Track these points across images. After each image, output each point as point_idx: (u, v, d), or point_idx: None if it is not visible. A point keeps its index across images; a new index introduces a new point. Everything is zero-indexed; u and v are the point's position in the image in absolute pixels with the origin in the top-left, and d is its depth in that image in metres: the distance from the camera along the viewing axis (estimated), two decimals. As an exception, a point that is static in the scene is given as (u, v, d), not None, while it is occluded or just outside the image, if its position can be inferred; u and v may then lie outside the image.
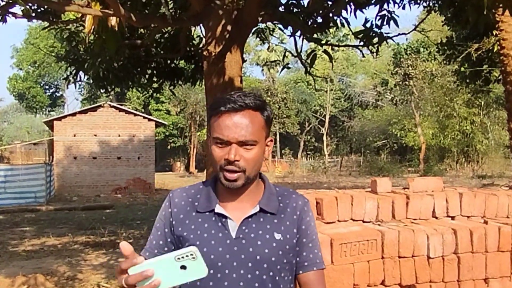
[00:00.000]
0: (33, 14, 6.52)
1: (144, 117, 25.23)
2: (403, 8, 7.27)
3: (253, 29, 7.34)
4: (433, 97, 32.67)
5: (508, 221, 3.59)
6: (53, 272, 7.27)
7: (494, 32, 8.96)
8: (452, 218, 3.63)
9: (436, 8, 8.75)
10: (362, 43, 7.17)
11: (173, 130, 41.68)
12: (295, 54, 7.50)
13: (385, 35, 6.89)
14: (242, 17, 5.82)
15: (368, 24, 6.87)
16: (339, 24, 6.94)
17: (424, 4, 8.11)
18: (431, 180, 3.82)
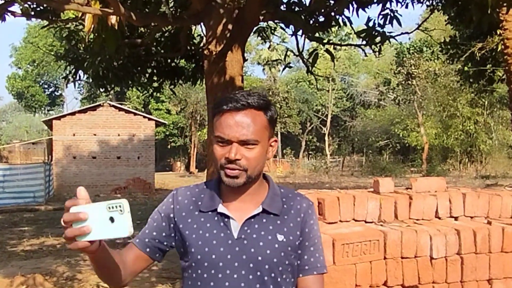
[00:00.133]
0: (32, 13, 6.52)
1: (144, 117, 25.27)
2: (406, 7, 7.27)
3: (255, 28, 7.32)
4: (436, 96, 32.64)
5: (512, 221, 3.59)
6: (52, 272, 7.28)
7: (498, 31, 8.93)
8: (455, 218, 3.63)
9: (440, 7, 8.72)
10: (364, 42, 7.16)
11: (173, 130, 41.72)
12: (297, 53, 7.50)
13: (387, 34, 6.89)
14: (243, 15, 5.81)
15: (370, 23, 6.88)
16: (341, 23, 6.93)
17: (427, 3, 8.10)
18: (434, 180, 3.82)
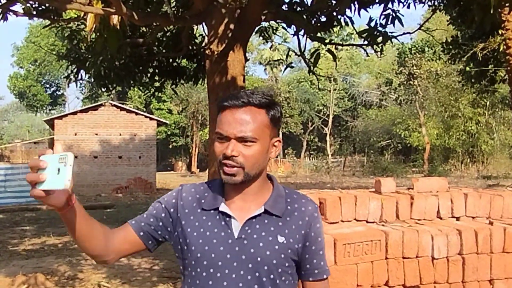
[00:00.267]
0: (34, 12, 6.54)
1: (146, 116, 25.26)
2: (408, 7, 7.27)
3: (256, 28, 7.33)
4: (437, 97, 32.61)
5: (513, 222, 3.60)
6: (54, 271, 7.27)
7: (500, 32, 8.92)
8: (457, 218, 3.64)
9: (442, 7, 8.73)
10: (366, 42, 7.17)
11: (174, 129, 41.72)
12: (299, 53, 7.50)
13: (389, 34, 6.90)
14: (245, 15, 5.82)
15: (372, 23, 6.89)
16: (343, 23, 6.94)
17: (429, 3, 8.09)
18: (435, 181, 3.83)
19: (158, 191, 23.12)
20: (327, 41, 7.61)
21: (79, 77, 8.26)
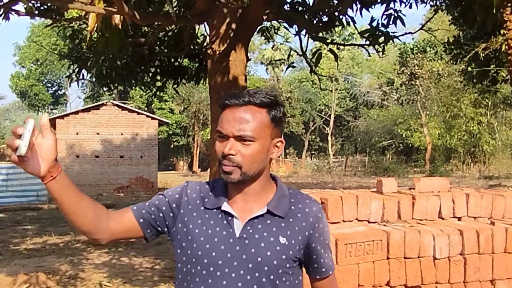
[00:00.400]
0: (36, 12, 6.54)
1: (147, 116, 25.27)
2: (410, 7, 7.25)
3: (258, 28, 7.32)
4: (439, 97, 32.59)
5: (515, 222, 3.59)
6: (55, 270, 7.28)
7: (501, 32, 8.89)
8: (459, 219, 3.64)
9: (443, 7, 8.71)
10: (368, 42, 7.16)
11: (176, 129, 41.75)
12: (300, 53, 7.50)
13: (391, 34, 6.89)
14: (247, 15, 5.81)
15: (374, 23, 6.88)
16: (344, 23, 6.94)
17: (431, 3, 8.08)
18: (437, 181, 3.84)
19: (160, 191, 23.07)
20: (328, 41, 7.61)
21: (81, 76, 8.24)
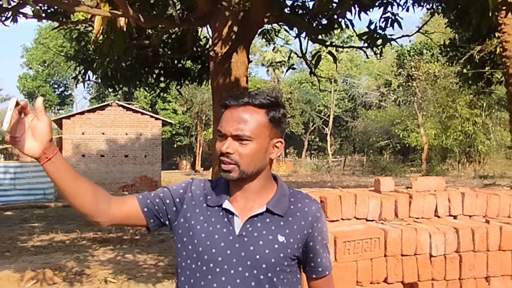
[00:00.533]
0: (43, 15, 6.59)
1: (151, 116, 25.35)
2: (407, 10, 7.28)
3: (259, 30, 7.38)
4: (435, 98, 32.64)
5: (509, 220, 3.61)
6: (61, 267, 7.34)
7: (496, 34, 8.94)
8: (454, 217, 3.64)
9: (440, 11, 8.76)
10: (366, 44, 7.19)
11: (179, 129, 41.75)
12: (300, 55, 7.51)
13: (389, 37, 6.88)
14: (248, 18, 5.86)
15: (372, 26, 6.88)
16: (343, 26, 6.96)
17: (427, 6, 8.13)
18: (433, 180, 3.81)
19: (164, 189, 23.18)
20: (328, 43, 7.61)
21: (87, 77, 8.26)
